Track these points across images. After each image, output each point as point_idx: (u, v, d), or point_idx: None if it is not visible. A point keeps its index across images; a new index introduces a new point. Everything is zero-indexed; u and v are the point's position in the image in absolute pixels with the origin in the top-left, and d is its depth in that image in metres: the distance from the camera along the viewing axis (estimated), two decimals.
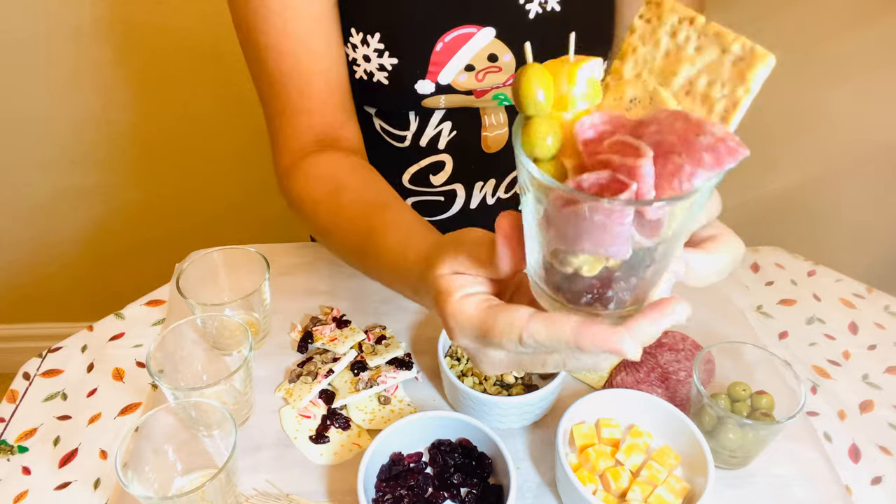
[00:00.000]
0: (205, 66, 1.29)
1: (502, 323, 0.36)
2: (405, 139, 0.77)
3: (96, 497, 0.63)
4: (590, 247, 0.32)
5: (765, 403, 0.62)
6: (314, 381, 0.69)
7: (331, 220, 0.63)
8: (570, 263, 0.33)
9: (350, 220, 0.60)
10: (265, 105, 0.71)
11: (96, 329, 0.79)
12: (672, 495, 0.56)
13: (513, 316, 0.36)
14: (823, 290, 0.85)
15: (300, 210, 0.67)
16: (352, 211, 0.61)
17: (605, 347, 0.33)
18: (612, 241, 0.31)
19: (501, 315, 0.36)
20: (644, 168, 0.29)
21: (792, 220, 1.50)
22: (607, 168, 0.30)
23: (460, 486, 0.59)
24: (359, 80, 0.71)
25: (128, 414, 0.70)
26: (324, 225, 0.64)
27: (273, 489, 0.61)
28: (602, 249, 0.32)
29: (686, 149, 0.29)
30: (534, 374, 0.69)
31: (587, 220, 0.30)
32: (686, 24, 0.31)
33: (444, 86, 0.70)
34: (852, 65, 1.27)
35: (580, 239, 0.31)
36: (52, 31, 1.22)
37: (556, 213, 0.31)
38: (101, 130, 1.36)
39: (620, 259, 0.32)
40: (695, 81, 0.31)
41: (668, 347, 0.71)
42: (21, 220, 1.51)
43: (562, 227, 0.32)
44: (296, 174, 0.67)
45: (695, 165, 0.29)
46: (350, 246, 0.61)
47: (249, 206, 1.51)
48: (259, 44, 0.66)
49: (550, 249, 0.34)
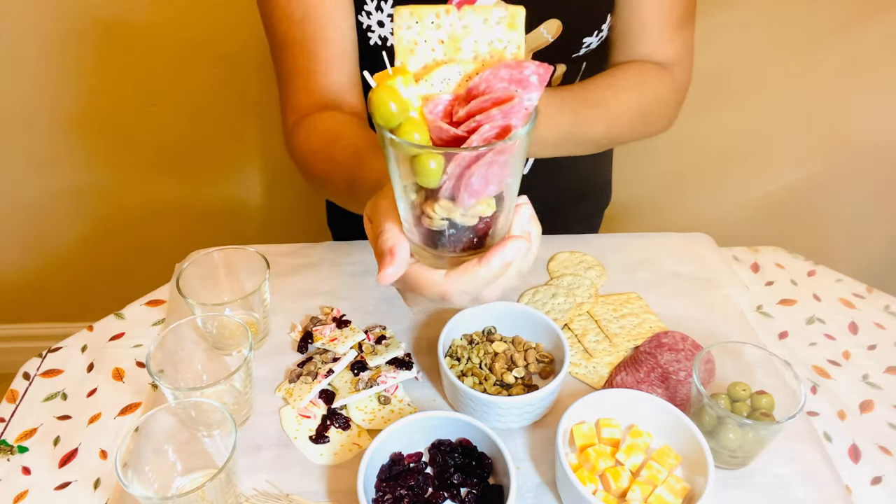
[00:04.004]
0: (205, 67, 1.29)
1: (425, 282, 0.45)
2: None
3: (96, 497, 0.63)
4: (493, 188, 0.41)
5: (765, 403, 0.62)
6: (314, 381, 0.69)
7: (326, 168, 0.67)
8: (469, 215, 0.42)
9: (342, 164, 0.64)
10: (277, 68, 0.76)
11: (96, 329, 0.79)
12: (672, 495, 0.56)
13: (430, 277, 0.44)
14: (823, 290, 0.85)
15: (301, 163, 0.72)
16: (344, 155, 0.64)
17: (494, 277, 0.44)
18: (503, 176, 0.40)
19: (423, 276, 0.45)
20: (518, 101, 0.38)
21: (792, 220, 1.50)
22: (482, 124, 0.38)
23: (460, 486, 0.59)
24: (374, 45, 0.74)
25: (128, 414, 0.70)
26: (320, 173, 0.68)
27: (273, 489, 0.61)
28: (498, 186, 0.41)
29: (519, 83, 0.38)
30: (534, 375, 0.69)
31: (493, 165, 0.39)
32: (443, 14, 0.40)
33: None
34: (852, 65, 1.27)
35: (486, 184, 0.40)
36: (52, 31, 1.22)
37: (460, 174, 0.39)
38: (101, 130, 1.36)
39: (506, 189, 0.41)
40: (477, 48, 0.41)
41: (668, 347, 0.71)
42: (21, 220, 1.50)
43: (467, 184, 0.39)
44: (298, 131, 0.72)
45: (529, 91, 0.38)
46: (341, 187, 0.64)
47: (249, 206, 1.51)
48: (274, 13, 0.72)
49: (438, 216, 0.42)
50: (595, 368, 0.72)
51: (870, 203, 1.47)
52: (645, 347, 0.72)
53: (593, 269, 0.83)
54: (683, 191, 1.47)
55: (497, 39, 0.40)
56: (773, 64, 1.28)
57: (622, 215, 1.51)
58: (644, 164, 1.40)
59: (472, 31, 0.40)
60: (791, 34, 1.23)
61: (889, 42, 1.23)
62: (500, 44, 0.40)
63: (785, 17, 1.21)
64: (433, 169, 0.39)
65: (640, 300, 0.79)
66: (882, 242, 1.54)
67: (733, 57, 1.25)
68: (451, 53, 0.41)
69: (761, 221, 1.50)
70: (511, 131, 0.38)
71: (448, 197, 0.41)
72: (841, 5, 1.19)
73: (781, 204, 1.48)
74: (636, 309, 0.78)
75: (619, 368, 0.71)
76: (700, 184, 1.45)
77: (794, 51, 1.26)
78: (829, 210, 1.49)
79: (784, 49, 1.25)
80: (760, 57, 1.27)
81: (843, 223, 1.51)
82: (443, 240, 0.44)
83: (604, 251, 0.86)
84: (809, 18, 1.20)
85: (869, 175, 1.42)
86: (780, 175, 1.44)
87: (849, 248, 1.53)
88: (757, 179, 1.45)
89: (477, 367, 0.68)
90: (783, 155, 1.42)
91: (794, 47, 1.25)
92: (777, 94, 1.31)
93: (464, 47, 0.41)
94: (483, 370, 0.68)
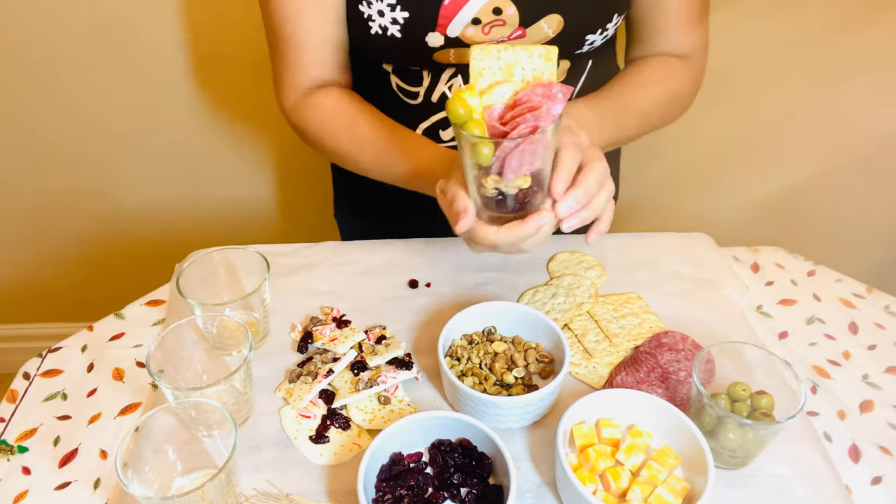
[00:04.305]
0: (205, 66, 1.29)
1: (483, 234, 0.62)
2: (418, 95, 0.83)
3: (96, 497, 0.63)
4: (526, 167, 0.57)
5: (765, 403, 0.62)
6: (314, 381, 0.69)
7: (353, 148, 0.80)
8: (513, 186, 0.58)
9: (371, 142, 0.79)
10: (272, 54, 0.83)
11: (96, 329, 0.79)
12: (672, 495, 0.56)
13: (486, 231, 0.62)
14: (823, 290, 0.85)
15: (318, 141, 0.82)
16: (370, 134, 0.79)
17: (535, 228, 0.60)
18: (530, 160, 0.57)
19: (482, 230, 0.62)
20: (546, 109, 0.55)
21: (792, 220, 1.50)
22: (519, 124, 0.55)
23: (460, 486, 0.59)
24: (374, 35, 0.76)
25: (128, 414, 0.70)
26: (346, 150, 0.81)
27: (273, 489, 0.61)
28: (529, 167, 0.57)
29: (548, 98, 0.55)
30: (534, 375, 0.69)
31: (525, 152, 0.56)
32: (503, 50, 0.57)
33: (453, 39, 0.75)
34: (852, 65, 1.27)
35: (519, 167, 0.57)
36: (52, 31, 1.22)
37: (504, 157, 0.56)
38: (101, 130, 1.36)
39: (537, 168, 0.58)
40: (524, 73, 0.58)
41: (668, 347, 0.71)
42: (21, 220, 1.50)
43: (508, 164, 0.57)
44: (306, 112, 0.82)
45: (555, 103, 0.55)
46: (378, 167, 0.80)
47: (249, 206, 1.51)
48: (269, 7, 0.79)
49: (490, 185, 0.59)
50: (595, 368, 0.72)
51: (870, 203, 1.47)
52: (645, 347, 0.72)
53: (593, 269, 0.83)
54: (683, 191, 1.47)
55: (537, 68, 0.58)
56: (774, 64, 1.28)
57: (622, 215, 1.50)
58: (644, 164, 1.40)
59: (520, 62, 0.57)
60: (791, 34, 1.23)
61: (889, 42, 1.23)
62: (539, 71, 0.58)
63: (785, 16, 1.21)
64: (486, 153, 0.56)
65: (640, 300, 0.79)
66: (882, 242, 1.54)
67: (733, 57, 1.25)
68: (506, 76, 0.58)
69: (761, 221, 1.50)
70: (538, 129, 0.55)
71: (497, 173, 0.58)
72: (841, 5, 1.19)
73: (781, 204, 1.47)
74: (636, 309, 0.78)
75: (619, 368, 0.71)
76: (700, 184, 1.45)
77: (794, 50, 1.26)
78: (829, 210, 1.49)
79: (784, 49, 1.25)
80: (760, 57, 1.27)
81: (843, 223, 1.50)
82: (494, 204, 0.61)
83: (604, 251, 0.86)
84: (810, 18, 1.20)
85: (869, 175, 1.42)
86: (780, 175, 1.44)
87: (849, 248, 1.53)
88: (757, 179, 1.45)
89: (477, 367, 0.68)
90: (783, 155, 1.42)
91: (794, 47, 1.25)
92: (777, 93, 1.31)
93: (515, 73, 0.58)
94: (483, 370, 0.68)
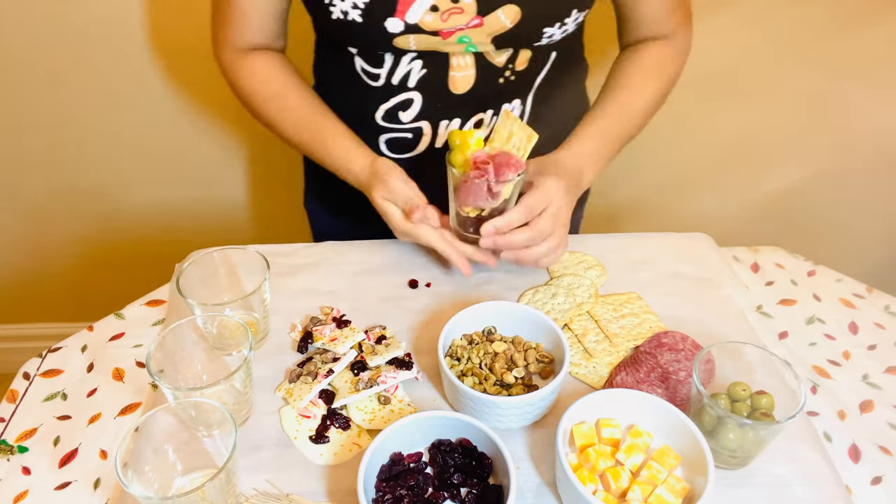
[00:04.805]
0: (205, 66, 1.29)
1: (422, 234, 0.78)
2: (379, 77, 0.84)
3: (96, 497, 0.63)
4: (472, 201, 0.74)
5: (765, 403, 0.62)
6: (314, 381, 0.69)
7: (279, 116, 0.86)
8: (464, 211, 0.76)
9: (298, 121, 0.85)
10: (214, 8, 0.86)
11: (96, 329, 0.79)
12: (672, 495, 0.56)
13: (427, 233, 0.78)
14: (823, 290, 0.85)
15: (247, 102, 0.88)
16: (297, 113, 0.85)
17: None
18: (479, 198, 0.73)
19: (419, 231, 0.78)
20: (490, 168, 0.72)
21: (792, 220, 1.50)
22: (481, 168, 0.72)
23: (460, 486, 0.59)
24: (336, 20, 0.77)
25: (128, 414, 0.70)
26: (271, 119, 0.87)
27: (273, 489, 0.61)
28: (476, 202, 0.74)
29: (507, 162, 0.72)
30: (534, 375, 0.69)
31: (473, 188, 0.73)
32: (521, 125, 0.73)
33: (412, 25, 0.76)
34: (852, 65, 1.27)
35: (468, 198, 0.74)
36: (52, 31, 1.22)
37: (461, 188, 0.74)
38: (101, 130, 1.36)
39: (483, 207, 0.75)
40: (511, 138, 0.74)
41: (668, 347, 0.71)
42: (21, 220, 1.50)
43: (463, 195, 0.74)
44: (240, 71, 0.87)
45: (511, 170, 0.72)
46: (296, 140, 0.86)
47: (250, 206, 1.51)
48: None
49: (458, 207, 0.77)
50: (595, 368, 0.72)
51: (870, 203, 1.47)
52: (645, 347, 0.72)
53: (593, 269, 0.83)
54: (683, 191, 1.47)
55: (521, 140, 0.73)
56: (773, 64, 1.28)
57: (622, 215, 1.51)
58: (644, 164, 1.40)
59: (517, 133, 0.74)
60: (791, 34, 1.23)
61: (889, 42, 1.23)
62: (520, 143, 0.74)
63: (785, 16, 1.21)
64: (453, 173, 0.75)
65: (640, 300, 0.79)
66: (882, 242, 1.54)
67: (733, 57, 1.25)
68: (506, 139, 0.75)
69: (761, 221, 1.50)
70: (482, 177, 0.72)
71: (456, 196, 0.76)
72: (841, 5, 1.19)
73: (781, 204, 1.48)
74: (636, 309, 0.78)
75: (619, 368, 0.71)
76: (700, 184, 1.45)
77: (795, 51, 1.26)
78: (829, 210, 1.49)
79: (784, 49, 1.25)
80: (760, 57, 1.27)
81: (843, 223, 1.51)
82: (457, 221, 0.79)
83: (604, 251, 0.86)
84: (809, 18, 1.20)
85: (869, 175, 1.42)
86: (780, 175, 1.44)
87: (849, 248, 1.53)
88: (757, 179, 1.45)
89: (477, 367, 0.68)
90: (783, 155, 1.42)
91: (794, 47, 1.25)
92: (777, 93, 1.31)
93: (510, 137, 0.74)
94: (483, 370, 0.68)
